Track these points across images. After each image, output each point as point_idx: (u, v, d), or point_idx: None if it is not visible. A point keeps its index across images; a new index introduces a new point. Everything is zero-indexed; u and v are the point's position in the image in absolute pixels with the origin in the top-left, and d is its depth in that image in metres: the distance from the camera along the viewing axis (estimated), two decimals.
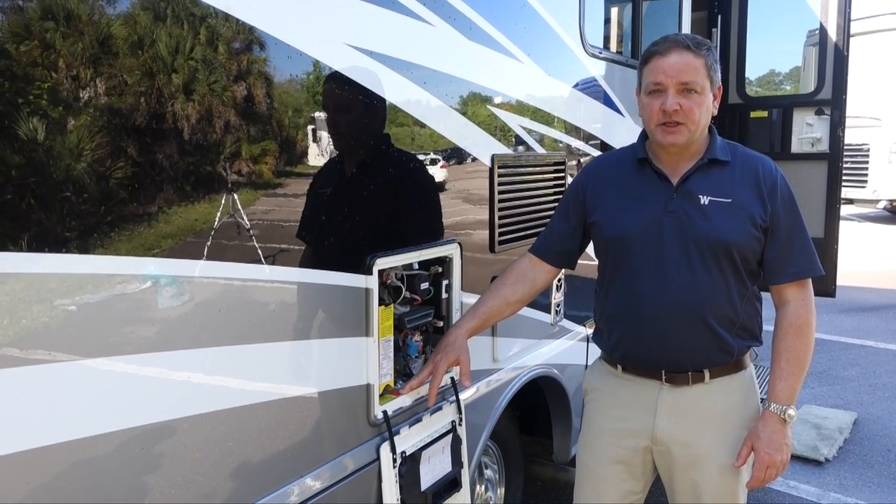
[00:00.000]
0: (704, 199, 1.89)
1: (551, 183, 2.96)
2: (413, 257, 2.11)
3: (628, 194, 2.00)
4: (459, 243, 2.31)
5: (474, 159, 2.47)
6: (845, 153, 4.69)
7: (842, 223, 4.59)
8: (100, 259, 1.33)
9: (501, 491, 3.03)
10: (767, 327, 1.93)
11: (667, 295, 1.89)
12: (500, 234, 2.61)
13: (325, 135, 1.84)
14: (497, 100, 2.55)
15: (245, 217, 1.62)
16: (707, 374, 1.95)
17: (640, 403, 2.02)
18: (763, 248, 1.92)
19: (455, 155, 2.38)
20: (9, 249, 1.20)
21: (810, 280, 1.95)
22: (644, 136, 2.03)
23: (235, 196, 1.61)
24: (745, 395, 2.01)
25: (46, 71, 1.25)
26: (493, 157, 2.54)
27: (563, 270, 2.42)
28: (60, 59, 1.26)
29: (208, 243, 1.54)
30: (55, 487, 1.30)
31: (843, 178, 4.68)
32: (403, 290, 2.09)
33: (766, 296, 2.03)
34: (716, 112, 1.92)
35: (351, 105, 1.90)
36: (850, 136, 10.50)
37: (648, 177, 1.98)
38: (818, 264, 1.95)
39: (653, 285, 1.91)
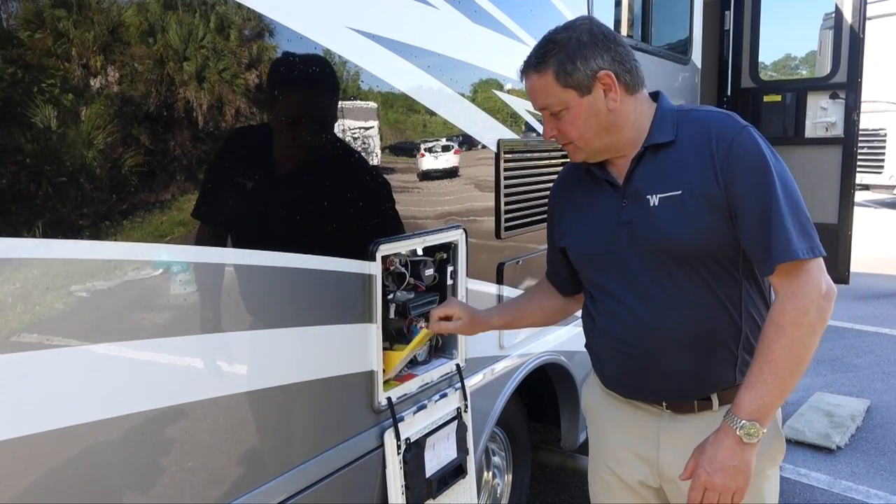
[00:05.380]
0: (653, 199, 1.58)
1: (559, 168, 2.93)
2: (417, 243, 2.10)
3: (582, 209, 1.75)
4: (464, 229, 2.29)
5: (480, 145, 2.45)
6: (861, 138, 4.63)
7: (857, 209, 4.54)
8: (112, 245, 1.34)
9: (509, 477, 3.03)
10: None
11: (655, 318, 1.61)
12: (507, 220, 2.59)
13: (337, 123, 1.83)
14: (503, 84, 2.53)
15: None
16: (715, 401, 1.64)
17: (640, 432, 1.75)
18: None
19: (460, 140, 2.36)
20: (23, 236, 1.21)
21: (810, 266, 1.48)
22: None
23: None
24: None
25: (59, 60, 1.25)
26: (499, 143, 2.51)
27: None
28: (73, 48, 1.27)
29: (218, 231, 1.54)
30: (63, 470, 1.31)
31: (859, 163, 4.61)
32: (407, 276, 2.08)
33: None
34: (614, 104, 1.57)
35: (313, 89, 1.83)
36: (867, 121, 10.39)
37: (598, 184, 1.70)
38: (795, 245, 1.46)
39: (637, 310, 1.63)
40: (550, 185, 2.81)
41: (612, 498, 1.84)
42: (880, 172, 12.98)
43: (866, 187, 13.67)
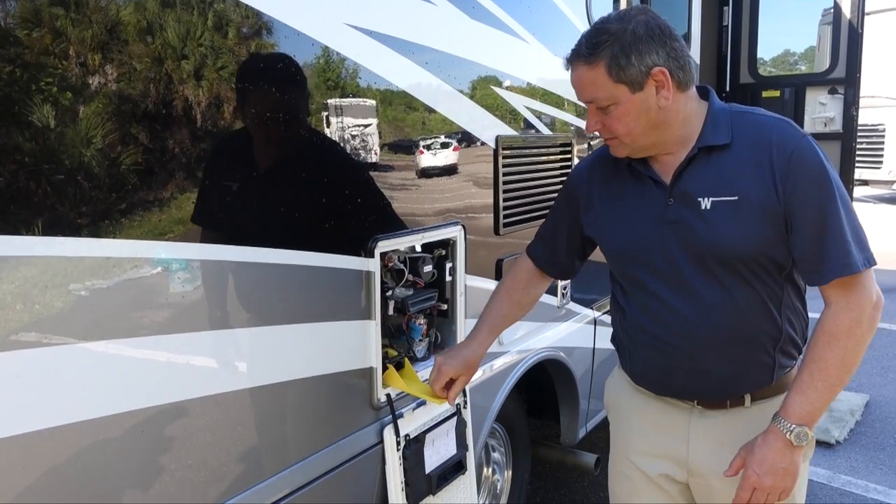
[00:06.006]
0: (705, 202, 1.55)
1: (557, 165, 2.93)
2: (416, 240, 2.10)
3: (618, 200, 1.70)
4: (463, 226, 2.30)
5: (479, 142, 2.45)
6: (860, 133, 4.64)
7: (856, 205, 4.53)
8: (111, 243, 1.34)
9: (509, 473, 3.04)
10: None
11: (700, 318, 1.60)
12: (505, 217, 2.59)
13: (335, 120, 1.83)
14: (501, 81, 2.52)
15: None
16: (748, 399, 1.66)
17: (669, 426, 1.74)
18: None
19: (459, 137, 2.35)
20: (22, 234, 1.21)
21: (865, 278, 1.51)
22: None
23: None
24: None
25: (57, 59, 1.25)
26: (497, 139, 2.51)
27: None
28: (71, 47, 1.27)
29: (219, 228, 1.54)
30: (63, 468, 1.31)
31: (858, 158, 4.62)
32: (406, 273, 2.08)
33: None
34: (666, 102, 1.52)
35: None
36: (866, 116, 10.39)
37: (638, 178, 1.66)
38: (854, 258, 1.48)
39: (680, 308, 1.62)
40: (549, 181, 2.87)
41: (634, 492, 1.83)
42: (879, 168, 12.96)
43: (865, 182, 13.67)
